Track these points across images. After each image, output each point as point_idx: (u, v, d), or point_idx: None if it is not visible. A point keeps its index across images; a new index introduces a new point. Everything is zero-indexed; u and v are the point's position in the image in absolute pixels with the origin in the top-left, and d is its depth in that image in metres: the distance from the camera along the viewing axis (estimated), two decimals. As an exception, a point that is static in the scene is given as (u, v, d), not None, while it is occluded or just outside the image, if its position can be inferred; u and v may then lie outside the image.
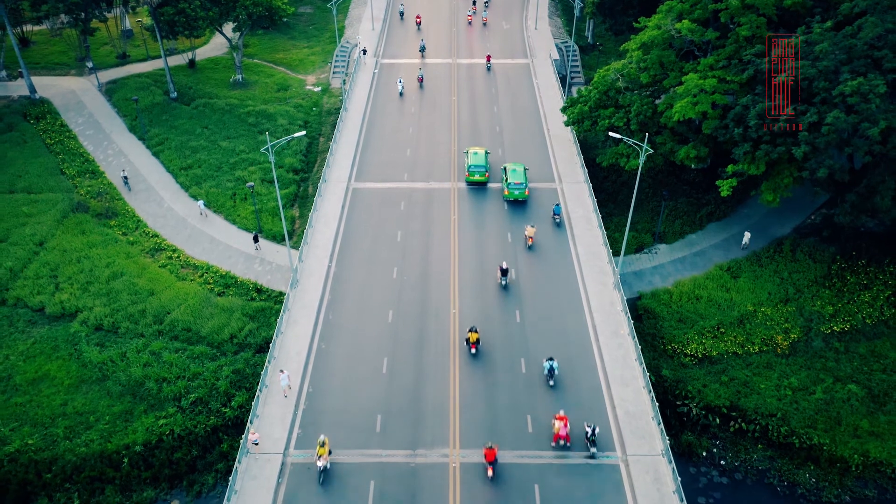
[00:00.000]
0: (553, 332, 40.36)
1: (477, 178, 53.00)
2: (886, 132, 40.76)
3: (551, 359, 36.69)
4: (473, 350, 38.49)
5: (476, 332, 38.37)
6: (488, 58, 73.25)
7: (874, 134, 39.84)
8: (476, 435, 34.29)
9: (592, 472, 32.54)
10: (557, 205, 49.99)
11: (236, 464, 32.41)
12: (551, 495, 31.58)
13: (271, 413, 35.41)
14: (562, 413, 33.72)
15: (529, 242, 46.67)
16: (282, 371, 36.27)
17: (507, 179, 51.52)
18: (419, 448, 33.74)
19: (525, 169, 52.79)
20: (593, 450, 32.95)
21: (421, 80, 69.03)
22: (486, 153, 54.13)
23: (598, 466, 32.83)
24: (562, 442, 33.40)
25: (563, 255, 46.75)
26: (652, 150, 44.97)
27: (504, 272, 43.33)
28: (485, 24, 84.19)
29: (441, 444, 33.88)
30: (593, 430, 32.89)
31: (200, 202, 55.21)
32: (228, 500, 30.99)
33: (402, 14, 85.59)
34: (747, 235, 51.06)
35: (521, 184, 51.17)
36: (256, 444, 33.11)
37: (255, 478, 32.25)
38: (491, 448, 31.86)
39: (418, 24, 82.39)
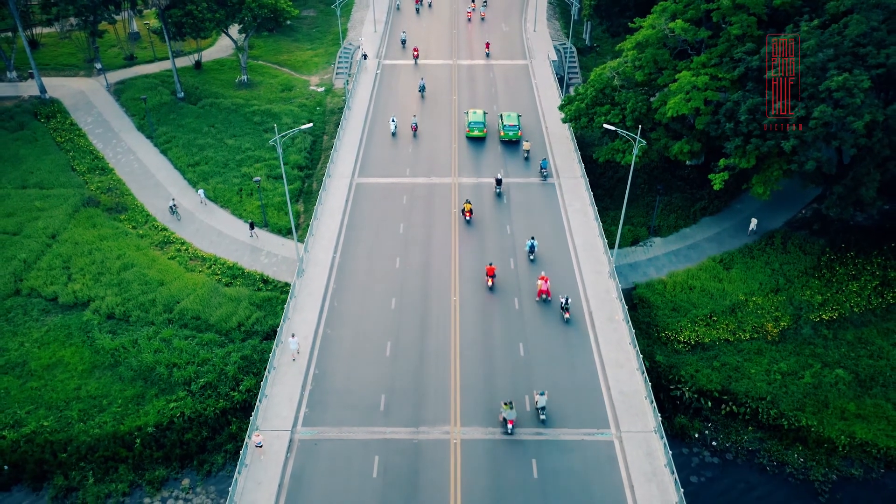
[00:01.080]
0: (551, 319, 41.81)
1: (476, 133, 60.30)
2: (871, 125, 42.32)
3: (532, 238, 46.05)
4: (468, 217, 49.52)
5: (470, 203, 49.69)
6: (487, 45, 78.36)
7: (859, 127, 41.40)
8: (476, 414, 35.77)
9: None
10: (545, 159, 56.08)
11: (247, 439, 33.83)
12: (549, 470, 32.96)
13: (279, 393, 36.86)
14: (543, 274, 42.85)
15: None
16: (293, 335, 38.76)
17: (502, 123, 59.81)
18: (422, 425, 35.18)
19: (518, 116, 60.53)
20: (567, 315, 41.02)
21: (415, 129, 61.07)
22: (484, 113, 61.16)
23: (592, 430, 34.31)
24: (544, 297, 41.98)
25: (560, 246, 48.24)
26: (645, 143, 46.44)
27: (498, 182, 52.74)
28: (483, 19, 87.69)
29: (442, 422, 35.32)
30: (567, 301, 41.03)
31: (201, 191, 57.44)
32: (239, 472, 32.40)
33: (403, 42, 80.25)
34: (754, 221, 52.68)
35: (515, 126, 59.42)
36: (260, 447, 33.40)
37: (264, 452, 33.63)
38: (491, 265, 43.32)
39: (416, 57, 76.18)
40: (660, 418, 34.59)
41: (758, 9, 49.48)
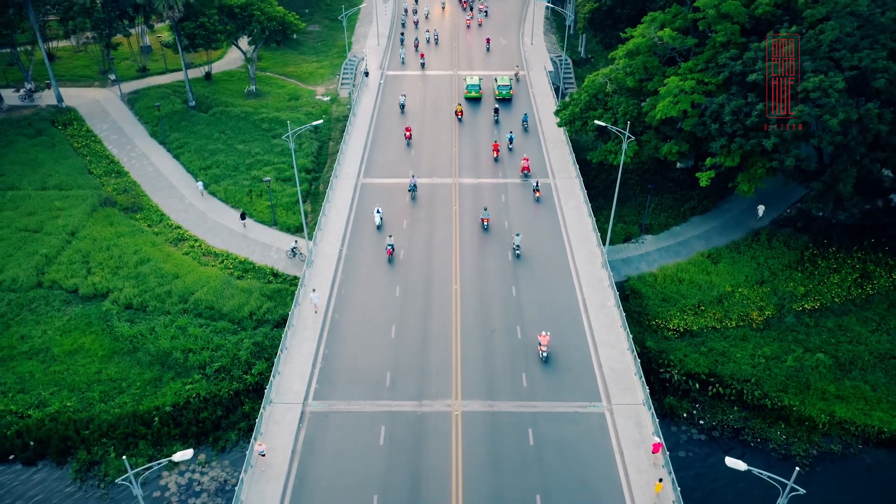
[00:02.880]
0: (547, 304, 44.34)
1: (473, 94, 71.44)
2: (846, 124, 45.10)
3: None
4: (460, 117, 64.73)
5: (461, 105, 65.16)
6: (487, 40, 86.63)
7: (834, 125, 44.21)
8: (476, 388, 38.16)
9: (581, 421, 36.34)
10: (526, 114, 66.83)
11: (262, 410, 36.18)
12: (544, 438, 35.28)
13: (291, 371, 39.26)
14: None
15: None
16: (314, 290, 42.88)
17: (497, 84, 71.39)
18: (425, 399, 37.55)
19: (510, 79, 72.50)
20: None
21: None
22: (480, 79, 72.28)
23: (586, 415, 36.63)
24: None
25: (555, 240, 50.84)
26: (633, 138, 49.10)
27: (496, 110, 66.51)
28: (480, 25, 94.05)
29: (444, 396, 37.69)
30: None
31: (199, 183, 61.09)
32: (255, 439, 34.67)
33: (402, 107, 70.85)
34: (761, 208, 55.31)
35: (507, 86, 71.00)
36: (263, 455, 33.77)
37: (277, 423, 35.99)
38: (495, 142, 55.48)
39: (408, 139, 64.50)
40: (647, 391, 36.97)
41: (741, 18, 52.51)
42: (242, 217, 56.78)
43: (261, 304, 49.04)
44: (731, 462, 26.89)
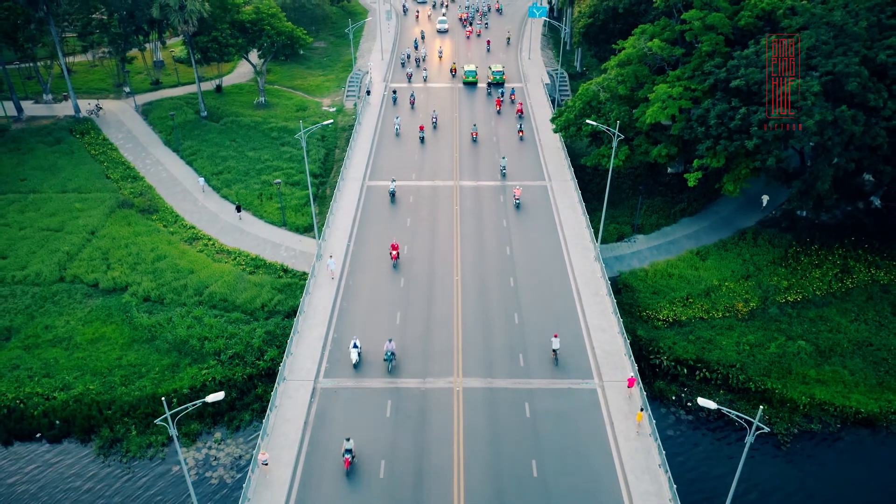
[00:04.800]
0: (542, 293, 47.06)
1: (470, 79, 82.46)
2: (822, 125, 48.13)
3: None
4: (454, 73, 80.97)
5: (455, 64, 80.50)
6: (488, 42, 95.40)
7: (810, 126, 47.26)
8: (476, 367, 40.77)
9: (574, 396, 38.92)
10: (513, 88, 79.86)
11: (276, 386, 38.81)
12: (539, 411, 37.82)
13: (303, 352, 41.91)
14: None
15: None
16: (331, 257, 46.88)
17: (491, 70, 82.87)
18: (428, 377, 40.16)
19: (503, 67, 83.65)
20: None
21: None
22: (476, 67, 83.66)
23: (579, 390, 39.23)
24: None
25: (551, 235, 53.71)
26: (622, 136, 52.07)
27: (489, 84, 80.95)
28: (479, 35, 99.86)
29: (447, 374, 40.30)
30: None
31: (201, 179, 64.74)
32: (271, 410, 37.25)
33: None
34: (766, 197, 57.99)
35: (500, 72, 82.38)
36: (266, 465, 34.32)
37: (291, 398, 38.57)
38: (500, 100, 63.39)
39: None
40: (636, 367, 39.58)
41: (725, 29, 55.87)
42: (238, 209, 60.79)
43: (272, 296, 51.73)
44: (703, 402, 30.03)
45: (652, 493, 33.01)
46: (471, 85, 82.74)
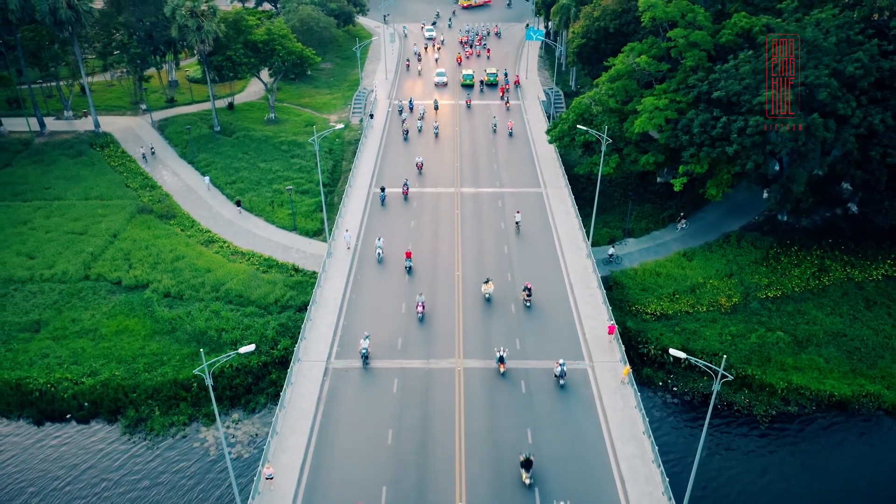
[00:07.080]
0: (538, 286, 50.48)
1: (467, 82, 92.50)
2: (795, 131, 52.02)
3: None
4: (459, 62, 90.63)
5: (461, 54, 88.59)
6: (489, 50, 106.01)
7: (784, 132, 51.15)
8: (476, 350, 44.13)
9: (567, 374, 42.20)
10: (506, 70, 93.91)
11: (291, 366, 42.14)
12: (534, 387, 41.07)
13: (316, 337, 45.31)
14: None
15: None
16: (347, 230, 52.07)
17: (486, 71, 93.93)
18: (432, 358, 43.48)
19: (496, 70, 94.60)
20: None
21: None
22: (473, 71, 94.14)
23: (570, 370, 42.53)
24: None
25: (546, 235, 57.38)
26: (611, 140, 55.83)
27: (482, 82, 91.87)
28: (478, 56, 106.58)
29: (449, 356, 43.63)
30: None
31: (207, 178, 68.66)
32: (287, 385, 40.53)
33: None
34: (766, 193, 61.29)
35: (494, 74, 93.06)
36: (270, 479, 35.13)
37: (305, 375, 41.86)
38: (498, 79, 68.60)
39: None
40: (623, 349, 42.94)
41: (707, 46, 60.11)
42: (238, 204, 65.00)
43: (284, 293, 55.17)
44: (674, 352, 33.61)
45: (636, 455, 36.21)
46: (468, 87, 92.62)
